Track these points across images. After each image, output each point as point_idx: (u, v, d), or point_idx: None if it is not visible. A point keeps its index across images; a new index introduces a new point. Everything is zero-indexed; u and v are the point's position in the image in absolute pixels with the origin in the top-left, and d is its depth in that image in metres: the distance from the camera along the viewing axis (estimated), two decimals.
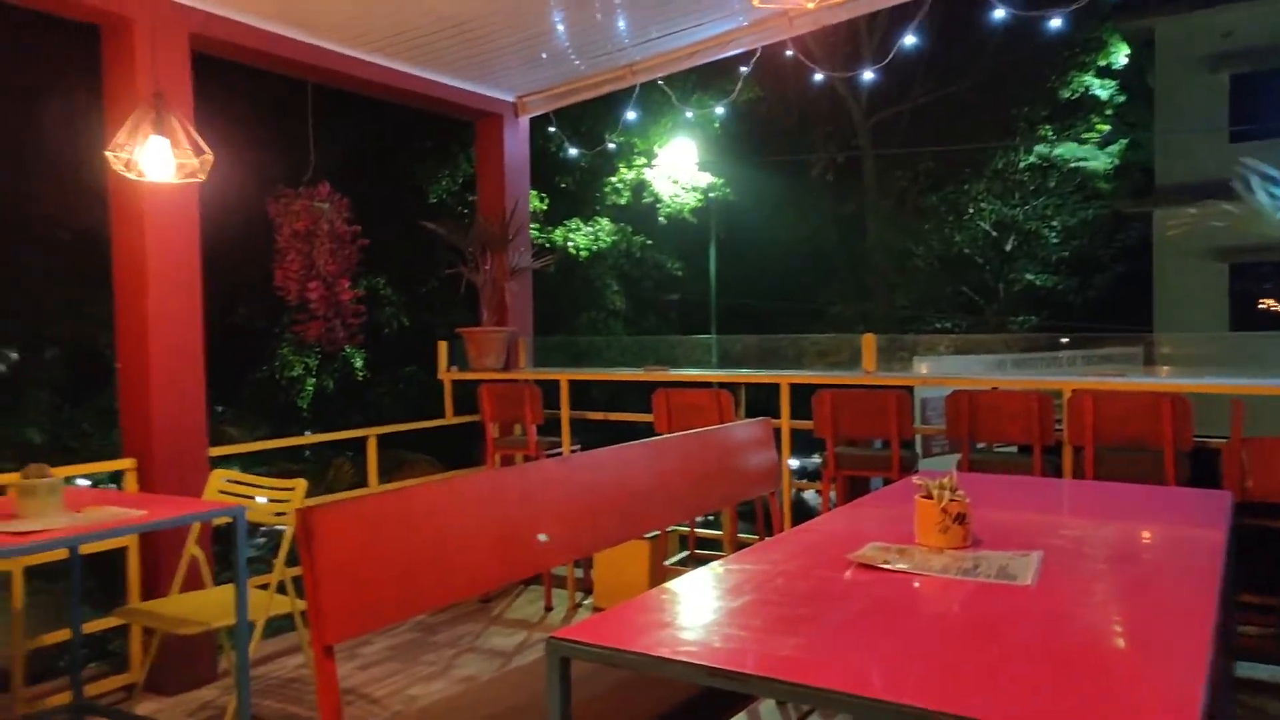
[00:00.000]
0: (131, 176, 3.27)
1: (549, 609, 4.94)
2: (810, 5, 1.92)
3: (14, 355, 12.97)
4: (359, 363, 13.20)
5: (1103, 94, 14.54)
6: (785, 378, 4.57)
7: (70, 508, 2.94)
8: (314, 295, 4.97)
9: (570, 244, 12.29)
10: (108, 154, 3.24)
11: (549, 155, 11.04)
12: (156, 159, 3.22)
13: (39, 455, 11.70)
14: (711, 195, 12.75)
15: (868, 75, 9.38)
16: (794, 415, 4.61)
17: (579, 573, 5.13)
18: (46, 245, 12.05)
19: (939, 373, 5.69)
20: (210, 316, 4.25)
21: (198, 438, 4.11)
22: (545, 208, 12.17)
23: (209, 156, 3.31)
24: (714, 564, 2.01)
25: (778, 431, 4.15)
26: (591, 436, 5.32)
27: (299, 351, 12.89)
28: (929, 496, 2.05)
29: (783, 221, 14.96)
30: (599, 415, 5.47)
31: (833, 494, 4.35)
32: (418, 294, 13.18)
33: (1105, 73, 14.46)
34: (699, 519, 5.04)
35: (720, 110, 9.92)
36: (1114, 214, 14.72)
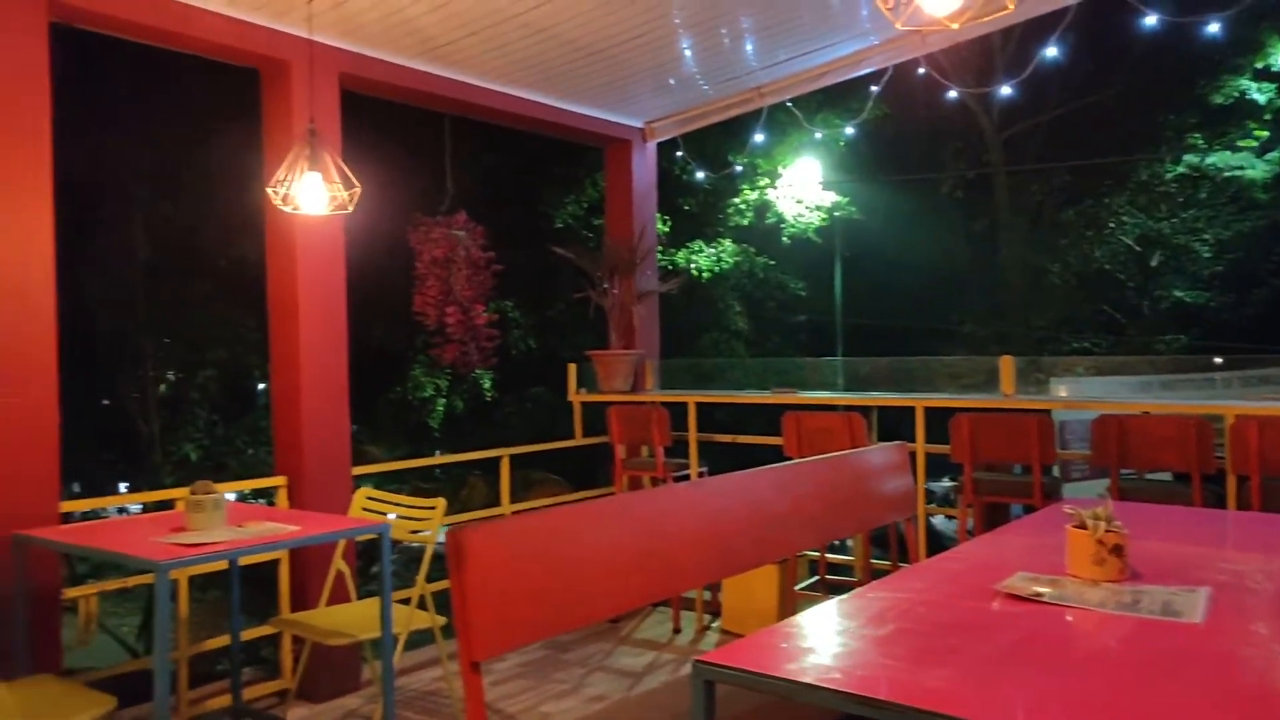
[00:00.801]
0: (288, 210, 3.48)
1: (677, 631, 4.94)
2: (954, 26, 1.88)
3: (170, 375, 13.89)
4: (487, 384, 13.58)
5: (1260, 98, 13.65)
6: (920, 401, 4.46)
7: (232, 522, 3.13)
8: (451, 320, 5.16)
9: (693, 265, 12.34)
10: (268, 190, 3.47)
11: (672, 177, 11.15)
12: (310, 193, 3.42)
13: (195, 471, 12.51)
14: (836, 214, 12.60)
15: (1005, 90, 9.09)
16: (924, 438, 4.49)
17: (707, 595, 5.11)
18: (206, 273, 12.93)
19: (1079, 395, 5.44)
20: (350, 340, 4.47)
21: (342, 457, 4.32)
22: (668, 230, 12.28)
23: (357, 189, 3.50)
24: (855, 591, 1.98)
25: (912, 456, 4.05)
26: (716, 459, 5.32)
27: (431, 373, 13.36)
28: (1082, 526, 1.96)
29: (910, 240, 14.62)
30: (726, 438, 5.46)
31: (969, 520, 4.20)
32: (544, 317, 13.48)
33: (1263, 75, 13.56)
34: (829, 544, 4.96)
35: (851, 130, 9.78)
36: (1274, 225, 13.77)
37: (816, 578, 4.86)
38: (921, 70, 4.86)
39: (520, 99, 5.19)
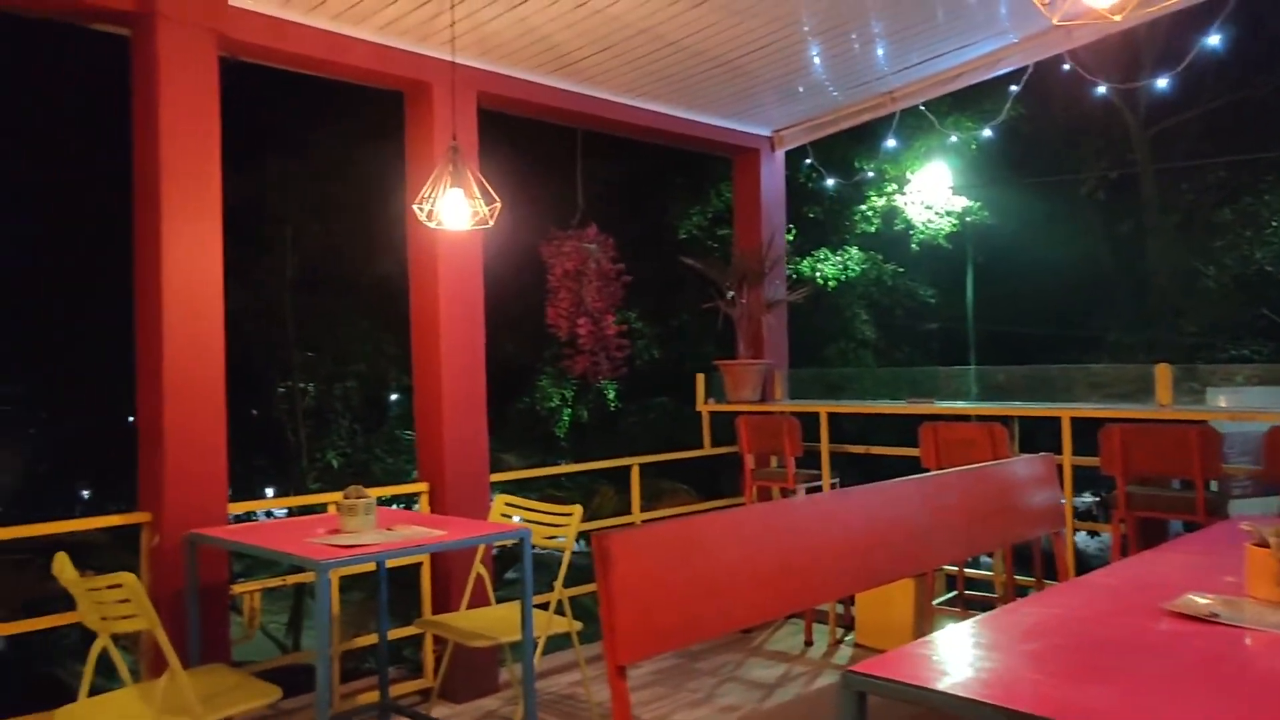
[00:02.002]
0: (432, 226, 3.62)
1: (809, 643, 4.87)
2: (1117, 18, 1.80)
3: (306, 388, 14.57)
4: (611, 394, 13.74)
5: None
6: (1067, 411, 4.27)
7: (381, 525, 3.27)
8: (582, 331, 5.25)
9: (818, 274, 12.18)
10: (413, 207, 3.62)
11: (796, 185, 11.03)
12: (453, 208, 3.55)
13: (337, 477, 13.14)
14: (968, 219, 12.20)
15: (1160, 83, 8.60)
16: (1061, 449, 4.29)
17: (839, 608, 5.02)
18: (348, 290, 13.59)
19: (1238, 405, 5.08)
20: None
21: (481, 464, 4.45)
22: (792, 239, 12.16)
23: (497, 205, 3.61)
24: (1007, 606, 1.91)
25: (1058, 469, 3.87)
26: (844, 470, 5.23)
27: (557, 383, 13.62)
28: (1263, 544, 1.84)
29: (1047, 244, 13.99)
30: (859, 448, 5.36)
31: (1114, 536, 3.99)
32: (669, 327, 13.55)
33: None
34: (968, 560, 4.80)
35: (988, 133, 9.46)
36: None
37: (954, 593, 4.71)
38: (1066, 66, 4.66)
39: (650, 111, 5.25)
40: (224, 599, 3.54)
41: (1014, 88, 5.03)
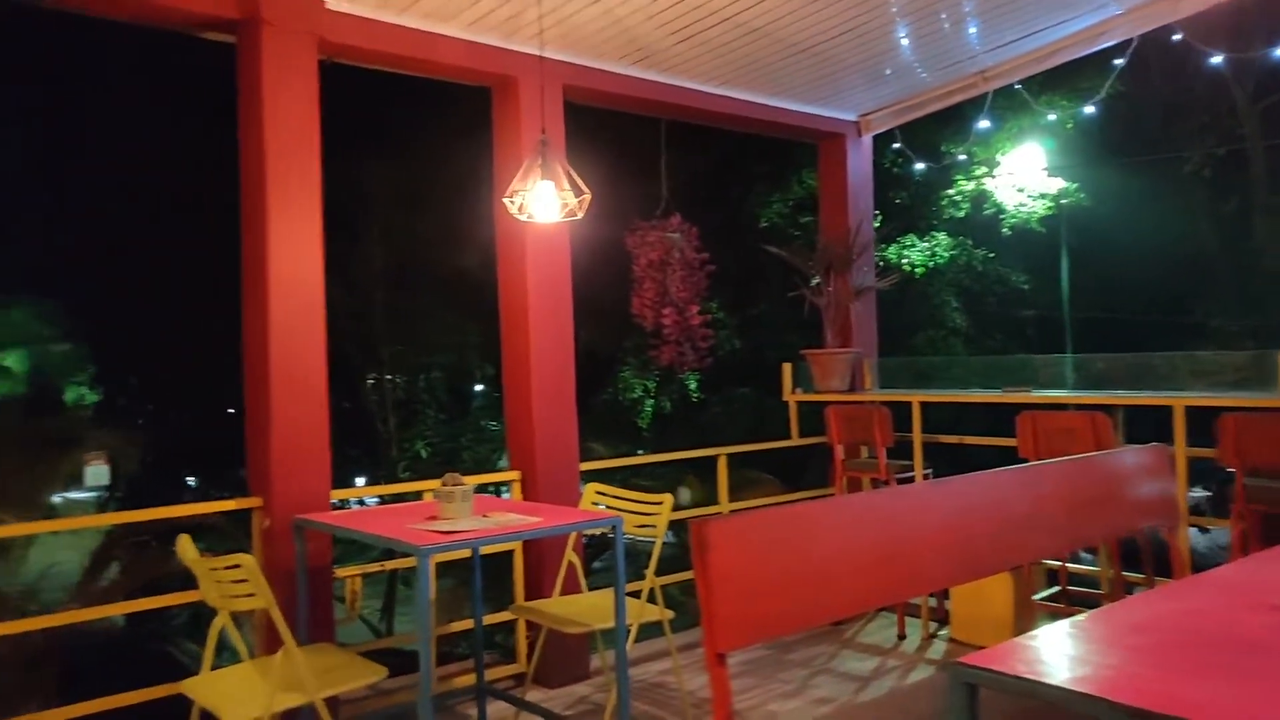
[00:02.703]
0: (522, 219, 3.67)
1: (902, 636, 4.80)
2: None
3: (395, 380, 14.92)
4: (694, 385, 13.73)
5: None
6: (1179, 399, 4.09)
7: (477, 512, 3.34)
8: (668, 321, 5.25)
9: (905, 261, 11.94)
10: (504, 200, 3.67)
11: (881, 170, 10.82)
12: (543, 201, 3.59)
13: (426, 466, 13.45)
14: (1062, 201, 11.79)
15: (1278, 53, 8.16)
16: (1165, 439, 4.10)
17: (933, 602, 4.93)
18: (433, 283, 13.87)
19: None
20: None
21: (570, 453, 4.51)
22: (877, 225, 11.94)
23: (587, 196, 3.64)
24: (1121, 601, 1.86)
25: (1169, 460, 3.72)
26: (937, 461, 5.12)
27: (640, 374, 13.67)
28: None
29: (1147, 226, 13.41)
30: (952, 438, 5.24)
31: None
32: (749, 316, 13.47)
33: None
34: (1071, 554, 4.65)
35: (1090, 109, 9.12)
36: None
37: (1057, 588, 4.58)
38: (1177, 37, 4.46)
39: (734, 99, 5.22)
40: (329, 581, 3.67)
41: (1118, 61, 4.83)
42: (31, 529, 3.79)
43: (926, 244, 12.08)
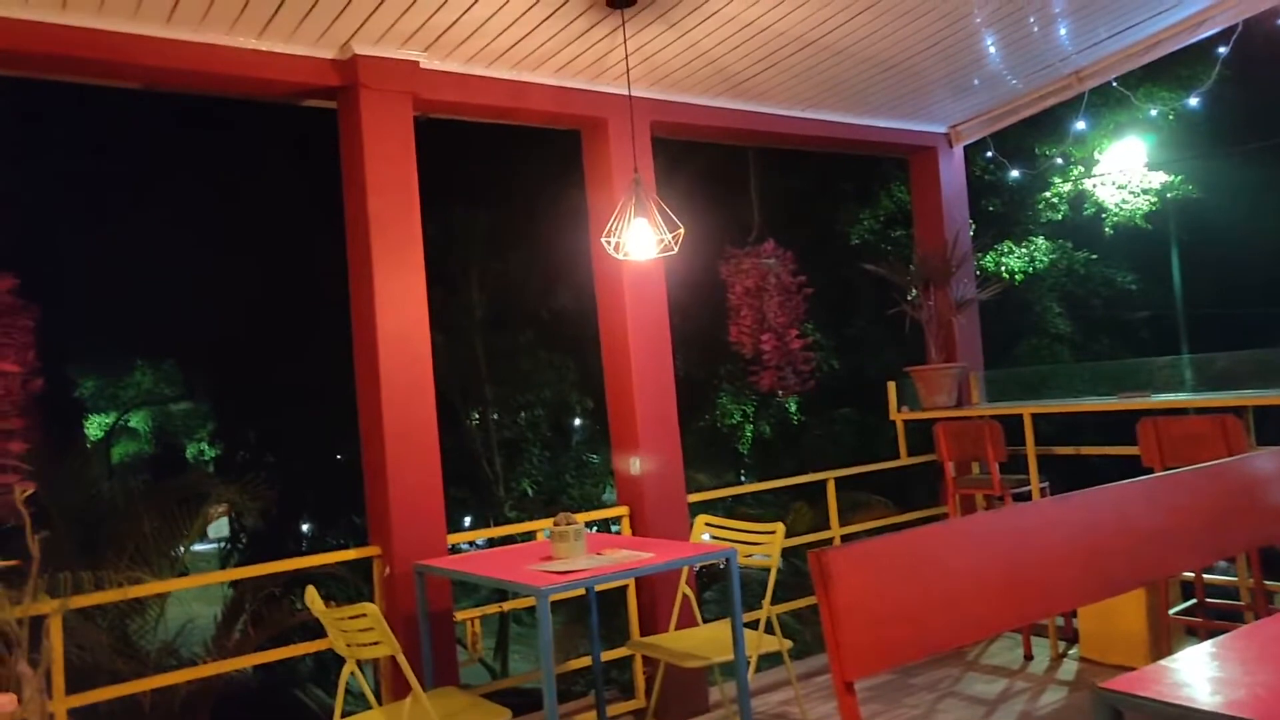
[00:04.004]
0: (619, 257, 3.73)
1: (1029, 658, 4.62)
2: None
3: (498, 419, 15.19)
4: (793, 407, 13.58)
5: None
6: None
7: (590, 550, 3.38)
8: (767, 347, 5.23)
9: (1003, 268, 11.62)
10: (601, 240, 3.74)
11: (972, 178, 10.58)
12: (639, 238, 3.64)
13: (531, 505, 13.62)
14: (1169, 195, 11.30)
15: None
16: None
17: (1060, 620, 4.74)
18: (529, 322, 14.14)
19: None
20: None
21: (677, 485, 4.51)
22: (971, 234, 11.67)
23: (680, 231, 3.68)
24: (1272, 618, 1.76)
25: None
26: (1052, 474, 4.94)
27: (737, 399, 13.60)
28: None
29: (1264, 216, 12.73)
30: (1067, 450, 5.05)
31: None
32: (845, 336, 13.28)
33: None
34: (1206, 565, 4.41)
35: (1194, 102, 8.77)
36: None
37: (1193, 601, 4.35)
38: None
39: (820, 121, 5.20)
40: (450, 625, 3.75)
41: (1222, 49, 4.63)
42: (169, 586, 4.01)
43: (1024, 250, 11.73)
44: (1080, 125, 5.66)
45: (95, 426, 21.36)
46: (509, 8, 3.51)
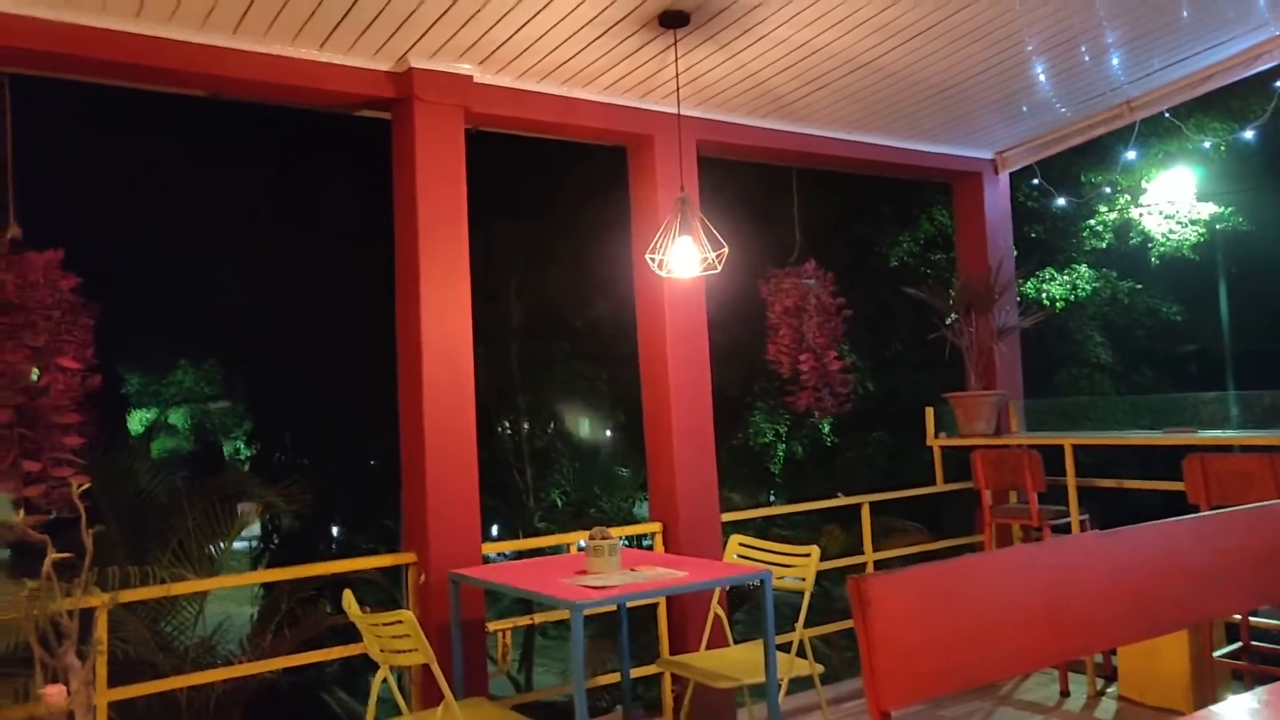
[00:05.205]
0: (663, 274, 3.74)
1: (1065, 694, 4.54)
2: None
3: (530, 429, 15.25)
4: (826, 428, 13.50)
5: None
6: None
7: (625, 566, 3.38)
8: (805, 367, 5.21)
9: (1044, 295, 11.48)
10: (645, 257, 3.76)
11: (1015, 204, 10.48)
12: (682, 256, 3.66)
13: (560, 517, 13.65)
14: (1218, 228, 11.11)
15: None
16: None
17: (1098, 657, 4.66)
18: (565, 332, 14.23)
19: None
20: None
21: (712, 505, 4.51)
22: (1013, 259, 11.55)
23: (724, 250, 3.69)
24: None
25: None
26: (1091, 506, 4.86)
27: (771, 419, 13.54)
28: None
29: None
30: (1109, 483, 4.97)
31: None
32: (881, 359, 13.19)
33: None
34: (1253, 609, 4.32)
35: (1250, 135, 8.64)
36: None
37: (1239, 644, 4.25)
38: None
39: (867, 144, 5.20)
40: (481, 635, 3.77)
41: (1278, 83, 4.57)
42: (211, 584, 4.05)
43: (1067, 277, 11.59)
44: (1130, 155, 5.58)
45: (137, 421, 21.78)
46: (563, 25, 3.55)
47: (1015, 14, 3.94)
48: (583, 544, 3.61)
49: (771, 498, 15.01)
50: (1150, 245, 11.22)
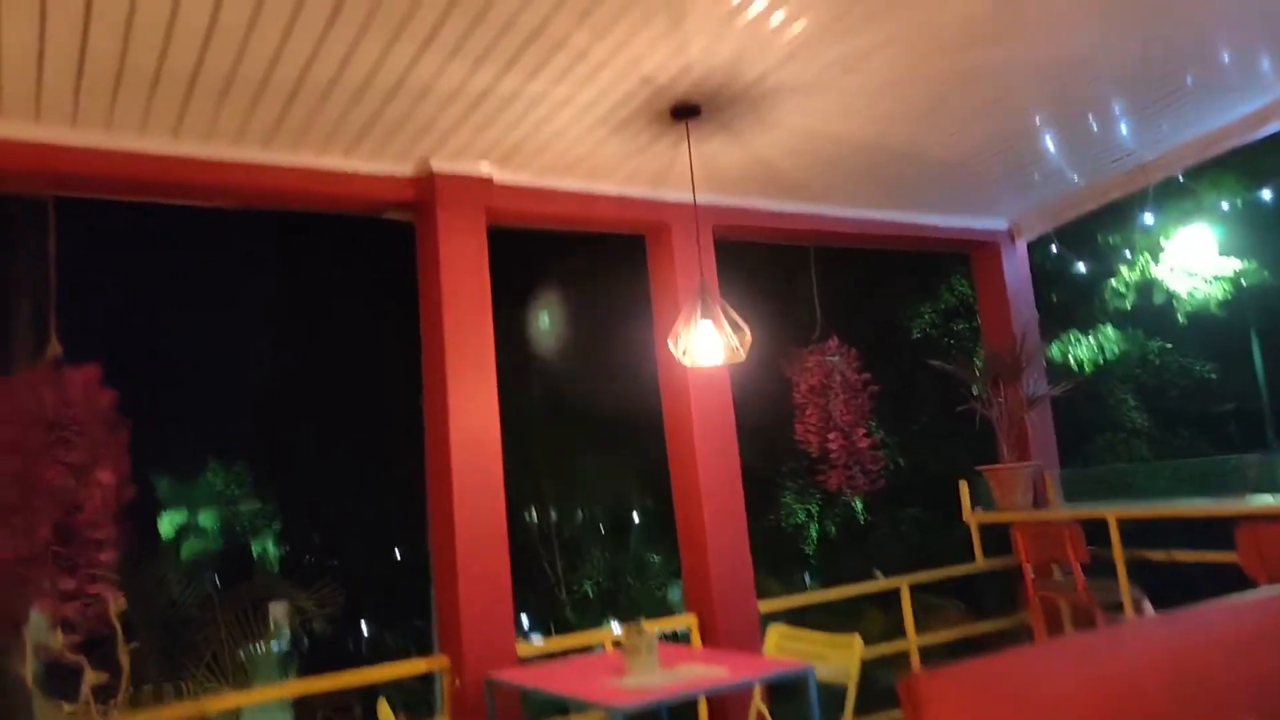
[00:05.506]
0: (687, 362, 3.73)
1: None
2: None
3: (557, 516, 15.14)
4: (859, 506, 13.29)
5: None
6: None
7: (663, 664, 3.28)
8: (834, 446, 5.14)
9: (1070, 359, 11.37)
10: (667, 344, 3.75)
11: (1034, 267, 10.45)
12: (705, 343, 3.65)
13: (592, 607, 13.42)
14: (1243, 283, 11.01)
15: None
16: None
17: None
18: (587, 416, 14.20)
19: None
20: None
21: (748, 594, 4.40)
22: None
23: (747, 335, 3.68)
24: None
25: None
26: (1141, 578, 4.70)
27: (802, 498, 13.37)
28: None
29: None
30: (1159, 554, 4.81)
31: None
32: (909, 433, 13.05)
33: None
34: None
35: (1268, 195, 8.64)
36: None
37: None
38: None
39: (881, 220, 5.24)
40: None
41: None
42: (244, 699, 4.00)
43: (1092, 339, 11.49)
44: (1148, 219, 5.58)
45: (167, 524, 21.79)
46: (577, 125, 3.63)
47: (1018, 91, 4.00)
48: (616, 627, 3.52)
49: (807, 578, 14.71)
50: (1176, 303, 11.13)
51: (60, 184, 3.37)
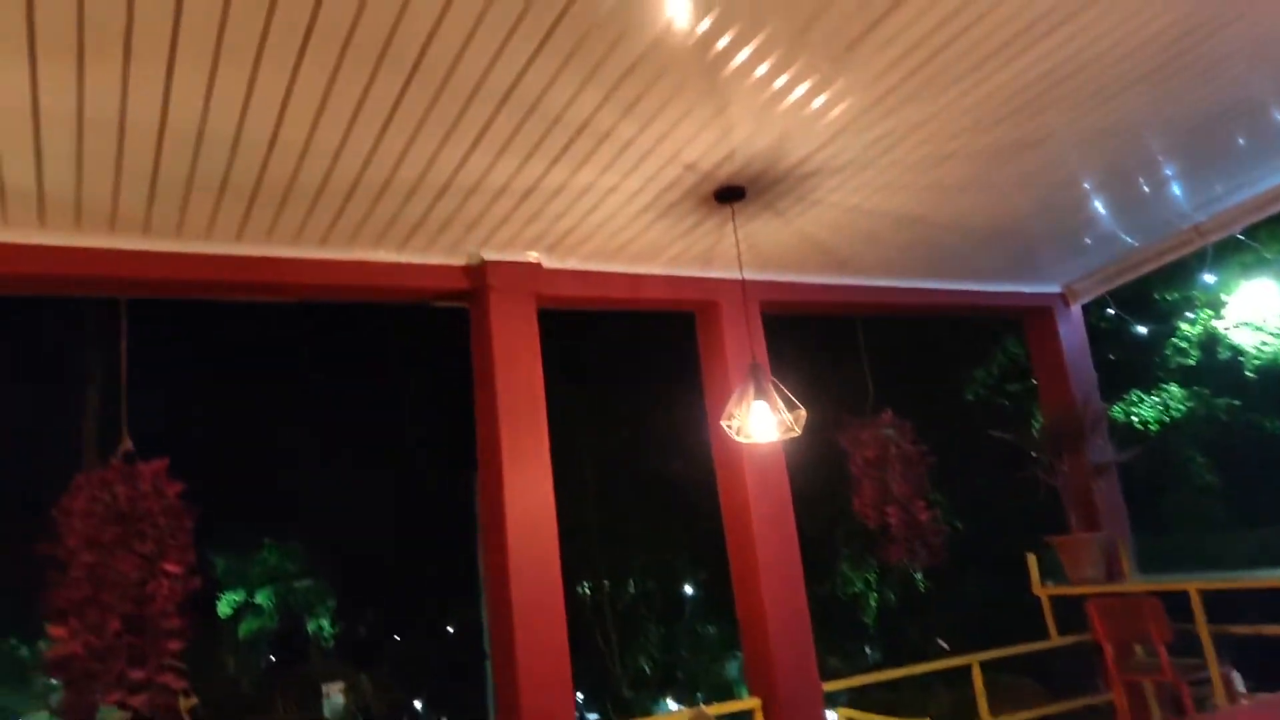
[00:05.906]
0: (741, 440, 3.71)
1: None
2: None
3: (612, 591, 14.94)
4: (918, 574, 12.95)
5: None
6: None
7: None
8: (894, 519, 5.05)
9: (1134, 419, 11.07)
10: (721, 424, 3.74)
11: (1090, 326, 10.26)
12: (759, 422, 3.63)
13: (649, 685, 13.15)
14: None
15: None
16: None
17: None
18: (639, 491, 14.14)
19: None
20: None
21: (811, 675, 4.29)
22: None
23: (802, 412, 3.65)
24: None
25: None
26: (1234, 656, 4.49)
27: (858, 567, 13.08)
28: None
29: None
30: (1246, 629, 4.59)
31: None
32: (968, 500, 12.75)
33: None
34: None
35: None
36: None
37: None
38: None
39: (930, 290, 5.21)
40: None
41: None
42: None
43: (1156, 398, 11.19)
44: (1209, 279, 5.47)
45: (225, 604, 22.00)
46: (624, 212, 3.69)
47: (1065, 159, 3.98)
48: (674, 706, 3.43)
49: (867, 651, 14.31)
50: (1243, 359, 10.82)
51: (133, 288, 3.51)
